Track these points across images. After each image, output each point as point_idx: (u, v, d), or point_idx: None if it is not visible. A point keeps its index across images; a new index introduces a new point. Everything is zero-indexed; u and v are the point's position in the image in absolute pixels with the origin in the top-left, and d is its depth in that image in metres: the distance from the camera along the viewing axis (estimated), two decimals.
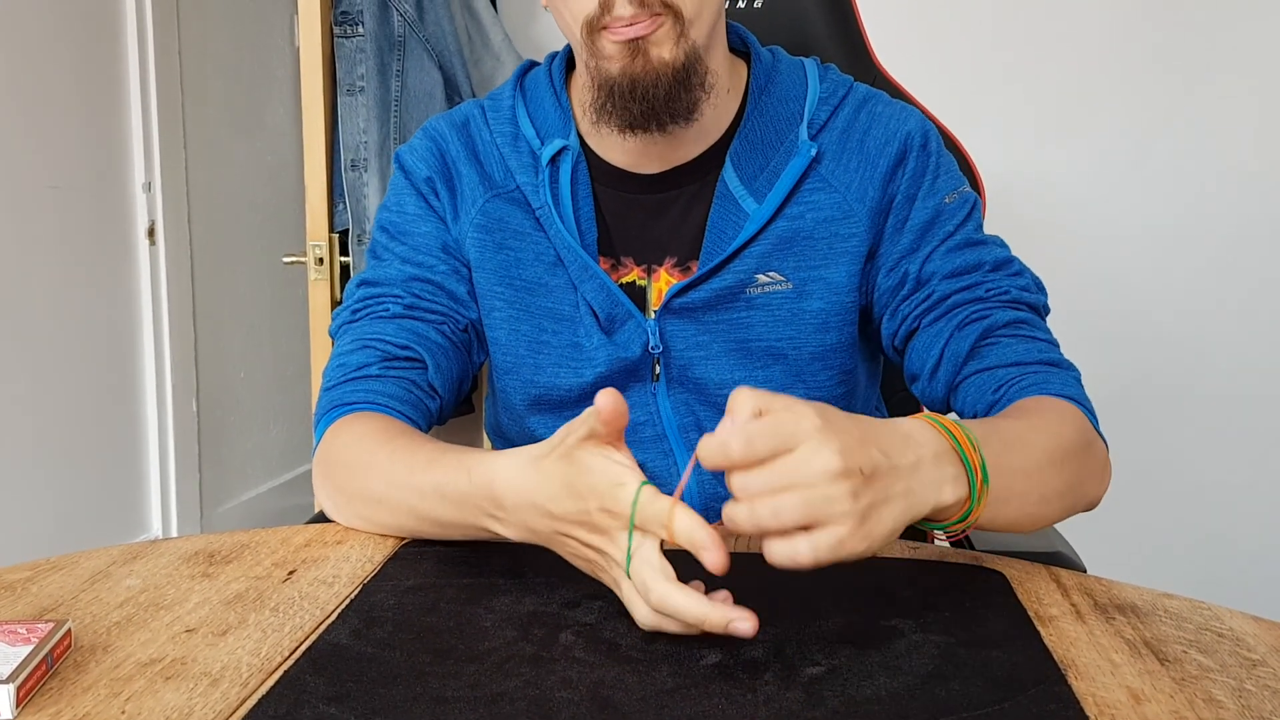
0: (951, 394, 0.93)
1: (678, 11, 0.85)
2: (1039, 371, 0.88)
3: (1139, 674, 0.60)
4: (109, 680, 0.58)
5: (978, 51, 2.26)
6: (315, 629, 0.64)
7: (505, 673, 0.58)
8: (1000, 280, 0.93)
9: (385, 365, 0.93)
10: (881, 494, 0.61)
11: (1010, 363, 0.89)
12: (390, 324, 0.95)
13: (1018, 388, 0.87)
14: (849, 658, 0.61)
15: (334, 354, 0.96)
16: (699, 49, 0.88)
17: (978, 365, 0.90)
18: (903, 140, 0.95)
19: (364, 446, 0.84)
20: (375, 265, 1.00)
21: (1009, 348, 0.89)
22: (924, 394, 0.96)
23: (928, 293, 0.93)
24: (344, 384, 0.92)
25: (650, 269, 0.97)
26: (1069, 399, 0.86)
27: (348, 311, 0.98)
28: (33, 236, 2.00)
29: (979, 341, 0.90)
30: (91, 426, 2.17)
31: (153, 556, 0.76)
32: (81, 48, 2.09)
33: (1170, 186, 2.24)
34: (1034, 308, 0.94)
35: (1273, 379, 2.25)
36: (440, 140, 1.00)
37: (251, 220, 2.59)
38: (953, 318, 0.92)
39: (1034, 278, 0.96)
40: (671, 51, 0.86)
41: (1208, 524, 2.32)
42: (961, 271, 0.93)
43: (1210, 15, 2.17)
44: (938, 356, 0.92)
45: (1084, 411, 0.86)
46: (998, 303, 0.92)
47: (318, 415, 0.92)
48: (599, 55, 0.88)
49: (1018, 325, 0.91)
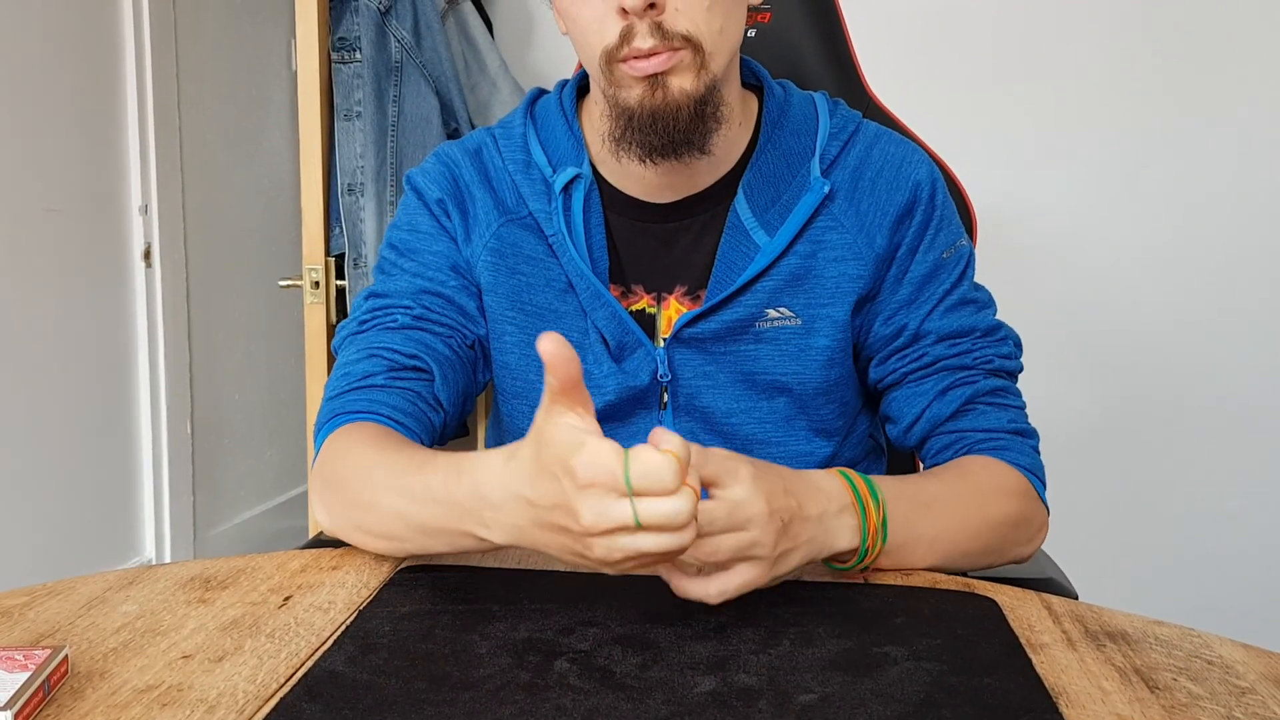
0: (920, 444, 0.99)
1: (697, 44, 0.86)
2: (1001, 438, 0.95)
3: (1129, 701, 0.61)
4: (106, 707, 0.58)
5: (969, 78, 2.28)
6: (311, 655, 0.64)
7: (500, 700, 0.59)
8: (988, 349, 0.98)
9: (391, 375, 0.92)
10: (791, 541, 0.72)
11: (981, 429, 0.95)
12: (398, 334, 0.95)
13: (977, 448, 0.94)
14: (842, 685, 0.61)
15: (339, 363, 0.96)
16: (717, 81, 0.89)
17: (953, 426, 0.96)
18: (912, 189, 0.97)
19: (359, 454, 0.83)
20: (384, 280, 1.00)
21: (984, 415, 0.96)
22: (897, 439, 1.00)
23: (920, 352, 0.97)
24: (348, 393, 0.91)
25: (660, 297, 0.98)
26: (1020, 468, 0.93)
27: (354, 323, 0.98)
28: (29, 258, 2.00)
29: (961, 408, 0.96)
30: (85, 448, 2.17)
31: (149, 582, 0.76)
32: (79, 70, 2.10)
33: (1162, 211, 2.26)
34: (1011, 374, 1.00)
35: (1264, 403, 2.27)
36: (453, 165, 1.01)
37: (248, 244, 2.60)
38: (939, 380, 0.96)
39: (1014, 339, 1.02)
40: (692, 83, 0.87)
41: (1199, 548, 2.32)
42: (954, 335, 0.97)
43: (1202, 40, 2.19)
44: (918, 413, 0.97)
45: (1032, 480, 0.93)
46: (982, 371, 0.97)
47: (318, 424, 0.92)
48: (618, 85, 0.88)
49: (996, 393, 0.97)
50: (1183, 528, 2.32)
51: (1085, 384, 2.31)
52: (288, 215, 2.69)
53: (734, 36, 0.90)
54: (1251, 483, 2.29)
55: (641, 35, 0.84)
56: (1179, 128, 2.22)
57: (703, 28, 0.86)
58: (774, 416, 0.98)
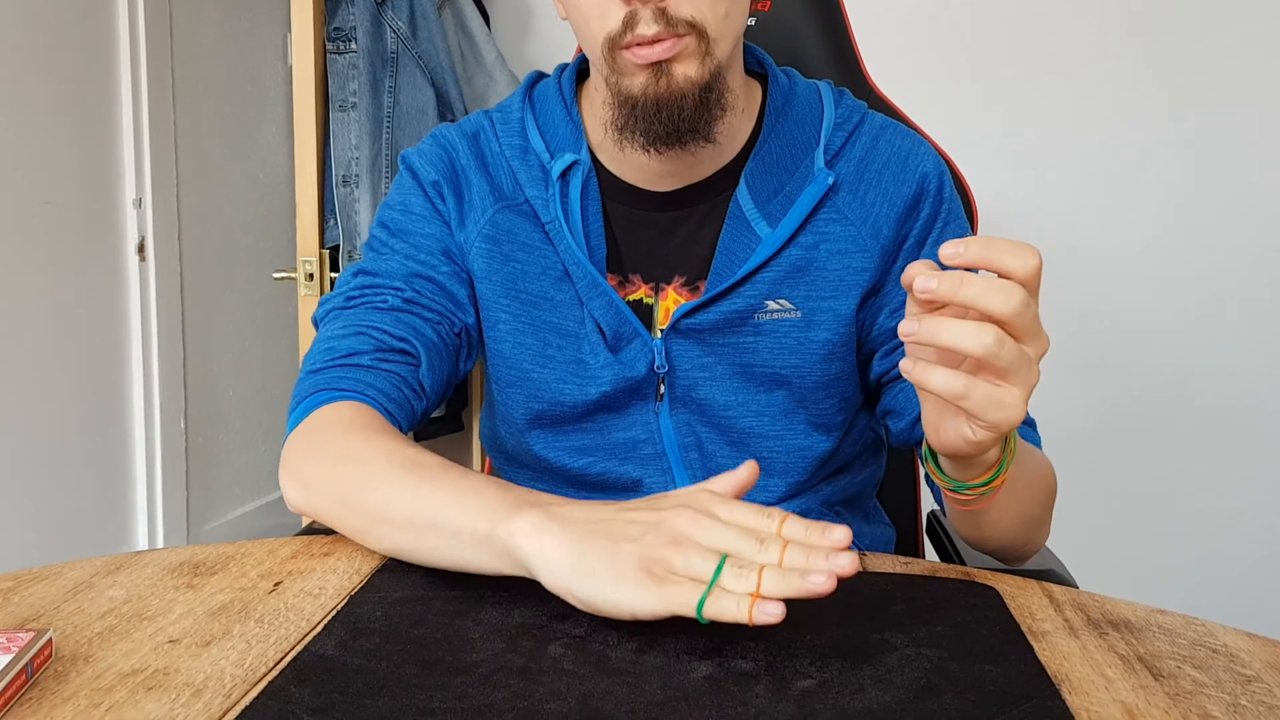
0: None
1: (702, 30, 0.84)
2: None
3: (1133, 689, 0.60)
4: (90, 690, 0.57)
5: (970, 72, 2.28)
6: (301, 640, 0.63)
7: (493, 684, 0.57)
8: None
9: (378, 356, 0.90)
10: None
11: None
12: (388, 315, 0.93)
13: None
14: (841, 671, 0.60)
15: (321, 337, 0.92)
16: (722, 68, 0.88)
17: None
18: (919, 181, 0.96)
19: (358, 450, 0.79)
20: (374, 258, 0.98)
21: None
22: (901, 433, 0.97)
23: None
24: (333, 368, 0.89)
25: (658, 287, 0.96)
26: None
27: (340, 298, 0.95)
28: (23, 251, 1.99)
29: None
30: (79, 443, 2.16)
31: (136, 567, 0.75)
32: (73, 64, 2.09)
33: (1161, 209, 2.25)
34: None
35: (1265, 398, 2.26)
36: (450, 148, 0.99)
37: (242, 236, 2.58)
38: None
39: None
40: (697, 70, 0.86)
41: (1199, 546, 2.32)
42: None
43: (1200, 38, 2.19)
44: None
45: None
46: None
47: (297, 397, 0.88)
48: (621, 72, 0.87)
49: None
50: (1182, 525, 2.31)
51: (1084, 380, 2.30)
52: (282, 208, 2.68)
53: (738, 22, 0.89)
54: (1252, 477, 2.28)
55: (645, 22, 0.83)
56: (1179, 125, 2.22)
57: (707, 13, 0.85)
58: (772, 409, 0.96)
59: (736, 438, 0.97)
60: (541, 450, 0.99)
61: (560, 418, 0.98)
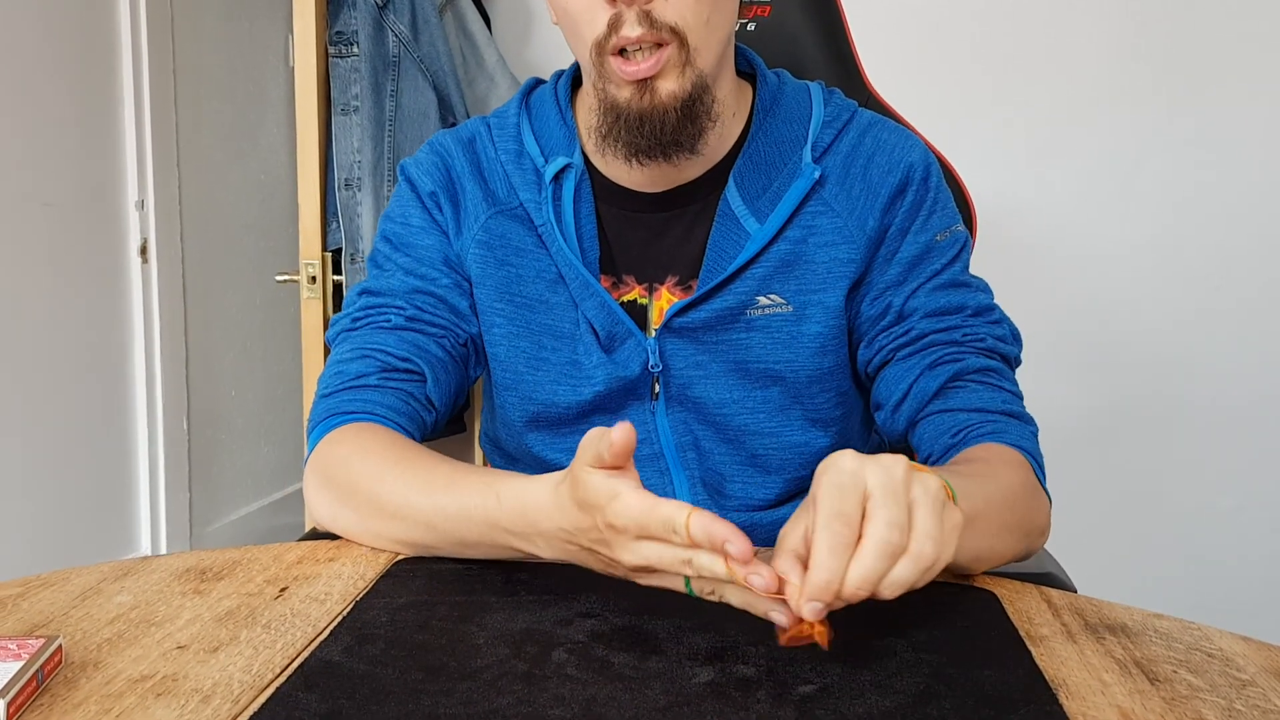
0: (911, 429, 0.95)
1: (683, 37, 0.85)
2: (998, 420, 0.90)
3: (1129, 693, 0.60)
4: (100, 697, 0.58)
5: (968, 74, 2.28)
6: (307, 646, 0.64)
7: (498, 690, 0.58)
8: (979, 327, 0.95)
9: (384, 376, 0.92)
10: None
11: (973, 408, 0.90)
12: (391, 335, 0.95)
13: (975, 434, 0.89)
14: (841, 676, 0.61)
15: (331, 360, 0.96)
16: (705, 78, 0.88)
17: (941, 405, 0.92)
18: (905, 171, 0.96)
19: (372, 462, 0.83)
20: (378, 275, 1.00)
21: (975, 393, 0.91)
22: (885, 424, 0.97)
23: (906, 328, 0.95)
24: (342, 392, 0.91)
25: (652, 287, 0.97)
26: (1021, 450, 0.88)
27: (348, 319, 0.98)
28: (25, 253, 2.00)
29: (947, 383, 0.92)
30: (82, 444, 2.16)
31: (144, 573, 0.76)
32: (76, 65, 2.09)
33: (1158, 209, 2.25)
34: (1006, 358, 0.96)
35: (1261, 400, 2.26)
36: (446, 155, 1.00)
37: (244, 239, 2.59)
38: (926, 356, 0.93)
39: (1012, 328, 0.98)
40: (678, 82, 0.86)
41: (1196, 546, 2.32)
42: (943, 312, 0.95)
43: (1197, 39, 2.19)
44: (904, 391, 0.94)
45: (1033, 465, 0.88)
46: (972, 348, 0.93)
47: (313, 421, 0.92)
48: (607, 79, 0.88)
49: (987, 373, 0.93)
50: (1180, 525, 2.32)
51: (1080, 380, 2.31)
52: (284, 210, 2.68)
53: (722, 30, 0.89)
54: (1248, 479, 2.29)
55: (630, 24, 0.84)
56: (1178, 124, 2.22)
57: (690, 19, 0.85)
58: (767, 406, 0.97)
59: (733, 435, 0.97)
60: (540, 451, 1.01)
61: (556, 419, 0.99)
